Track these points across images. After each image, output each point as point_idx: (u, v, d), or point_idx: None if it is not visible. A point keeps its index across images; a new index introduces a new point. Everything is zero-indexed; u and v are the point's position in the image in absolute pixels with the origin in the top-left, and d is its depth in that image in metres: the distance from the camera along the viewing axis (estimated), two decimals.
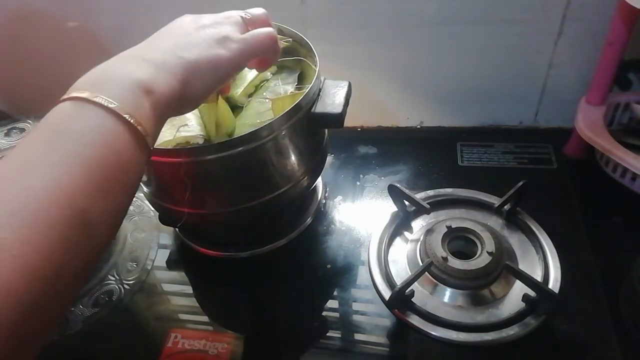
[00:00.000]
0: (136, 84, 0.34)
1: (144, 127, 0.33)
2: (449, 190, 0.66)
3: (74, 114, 0.32)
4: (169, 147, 0.52)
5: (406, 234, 0.63)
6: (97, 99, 0.32)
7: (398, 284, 0.53)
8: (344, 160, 0.76)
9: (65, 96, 0.33)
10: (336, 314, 0.57)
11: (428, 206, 0.61)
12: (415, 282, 0.54)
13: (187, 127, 0.55)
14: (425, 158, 0.74)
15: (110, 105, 0.32)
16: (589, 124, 0.66)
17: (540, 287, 0.51)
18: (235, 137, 0.49)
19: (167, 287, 0.63)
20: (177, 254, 0.67)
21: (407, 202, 0.63)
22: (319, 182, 0.71)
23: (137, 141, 0.33)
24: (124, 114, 0.32)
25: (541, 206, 0.62)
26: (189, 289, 0.63)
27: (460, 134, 0.78)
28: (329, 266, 0.62)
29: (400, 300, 0.53)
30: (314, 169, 0.60)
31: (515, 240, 0.60)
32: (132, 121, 0.32)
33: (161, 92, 0.35)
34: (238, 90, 0.59)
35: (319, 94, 0.54)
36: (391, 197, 0.63)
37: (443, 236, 0.57)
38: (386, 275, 0.57)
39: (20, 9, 0.81)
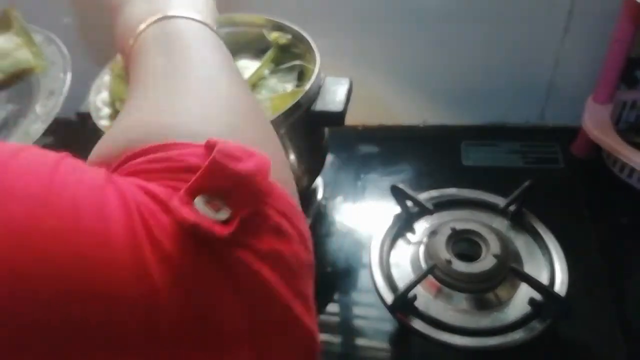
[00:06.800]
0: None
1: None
2: (453, 191, 0.65)
3: (187, 27, 0.34)
4: None
5: (409, 236, 0.62)
6: (188, 14, 0.34)
7: (401, 287, 0.53)
8: (345, 159, 0.76)
9: (156, 17, 0.34)
10: (337, 318, 0.57)
11: (431, 207, 0.60)
12: (418, 286, 0.53)
13: None
14: (429, 157, 0.74)
15: (198, 18, 0.34)
16: (596, 123, 0.65)
17: (546, 290, 0.51)
18: None
19: None
20: None
21: (409, 203, 0.62)
22: (319, 182, 0.70)
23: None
24: (211, 26, 0.35)
25: (548, 207, 0.61)
26: None
27: (464, 132, 0.77)
28: (329, 269, 0.61)
29: (403, 304, 0.53)
30: (314, 169, 0.59)
31: (521, 242, 0.59)
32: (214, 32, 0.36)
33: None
34: None
35: (319, 92, 0.54)
36: (393, 197, 0.62)
37: (447, 238, 0.56)
38: (388, 279, 0.57)
39: None
